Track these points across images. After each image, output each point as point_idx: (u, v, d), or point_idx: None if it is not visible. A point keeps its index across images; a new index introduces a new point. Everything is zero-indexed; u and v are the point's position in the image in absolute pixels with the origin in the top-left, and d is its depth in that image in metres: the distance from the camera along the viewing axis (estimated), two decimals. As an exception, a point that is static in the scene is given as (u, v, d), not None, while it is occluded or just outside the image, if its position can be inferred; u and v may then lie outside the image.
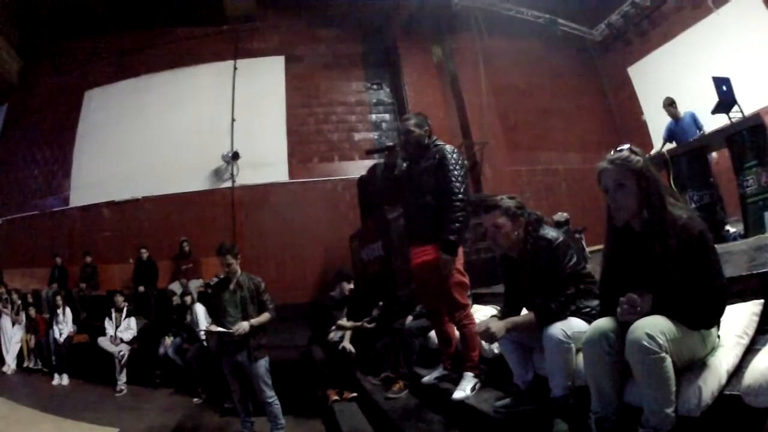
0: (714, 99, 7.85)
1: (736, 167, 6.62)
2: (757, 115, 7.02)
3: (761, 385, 2.16)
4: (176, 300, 10.25)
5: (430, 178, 4.72)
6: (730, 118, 7.43)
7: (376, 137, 14.37)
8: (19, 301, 11.01)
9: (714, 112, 8.00)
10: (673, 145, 8.86)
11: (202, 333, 8.26)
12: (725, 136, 6.89)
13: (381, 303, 7.14)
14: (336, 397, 6.71)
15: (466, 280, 4.82)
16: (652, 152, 8.55)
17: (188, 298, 9.74)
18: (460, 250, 4.77)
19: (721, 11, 12.11)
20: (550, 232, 3.64)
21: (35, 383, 9.71)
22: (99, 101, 14.54)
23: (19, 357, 10.56)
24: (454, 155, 4.71)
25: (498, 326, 3.47)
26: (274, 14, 15.11)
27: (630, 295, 2.60)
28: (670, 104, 9.30)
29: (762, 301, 2.97)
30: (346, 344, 7.07)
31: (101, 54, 14.96)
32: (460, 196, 4.55)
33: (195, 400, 8.40)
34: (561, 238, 3.58)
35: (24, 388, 9.45)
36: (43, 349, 10.29)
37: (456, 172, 4.61)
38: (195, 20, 14.64)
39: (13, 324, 10.66)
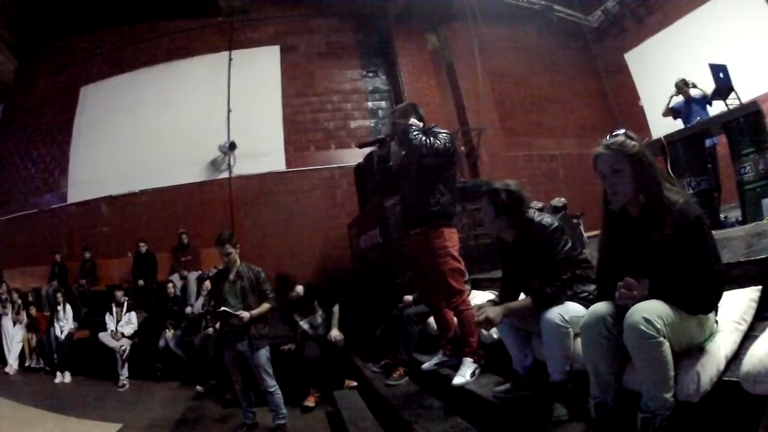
0: (711, 86, 7.86)
1: (734, 154, 6.61)
2: (754, 102, 7.00)
3: (760, 372, 2.17)
4: (172, 290, 10.29)
5: (419, 159, 4.75)
6: (727, 105, 7.44)
7: (372, 124, 14.35)
8: (20, 301, 11.01)
9: (711, 98, 8.01)
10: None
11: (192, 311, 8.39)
12: (722, 123, 6.88)
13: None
14: (312, 404, 6.96)
15: (461, 265, 4.85)
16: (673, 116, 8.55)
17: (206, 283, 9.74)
18: (455, 236, 4.82)
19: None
20: (544, 218, 3.66)
21: (38, 382, 9.72)
22: (95, 97, 14.50)
23: (21, 356, 10.58)
24: (438, 127, 4.83)
25: (495, 312, 3.50)
26: (268, 5, 15.04)
27: (627, 279, 2.61)
28: (684, 85, 9.06)
29: (760, 287, 2.98)
30: (335, 333, 7.09)
31: (96, 50, 14.91)
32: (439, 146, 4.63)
33: (198, 388, 8.39)
34: (556, 224, 3.60)
35: (27, 387, 9.45)
36: (45, 348, 10.31)
37: (441, 135, 4.70)
38: (189, 13, 14.58)
39: (14, 324, 10.68)
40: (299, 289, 7.71)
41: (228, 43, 14.54)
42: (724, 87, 7.69)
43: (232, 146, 13.34)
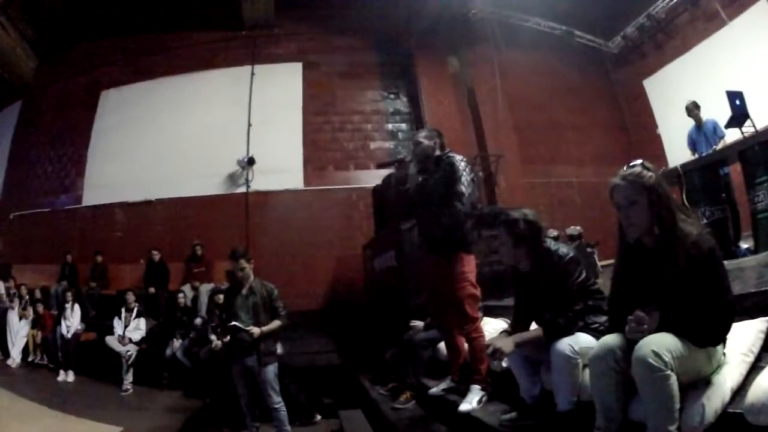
0: (728, 113, 7.81)
1: (748, 182, 6.57)
2: (769, 130, 6.97)
3: (764, 404, 2.17)
4: (182, 300, 10.31)
5: (441, 189, 4.74)
6: (742, 133, 7.39)
7: (392, 146, 14.37)
8: (27, 297, 11.08)
9: (727, 126, 7.97)
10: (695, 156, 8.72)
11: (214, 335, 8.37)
12: (737, 151, 6.85)
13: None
14: None
15: (478, 292, 4.83)
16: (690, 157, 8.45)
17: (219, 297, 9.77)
18: (473, 263, 4.80)
19: (734, 23, 12.03)
20: (561, 248, 3.66)
21: (40, 378, 9.73)
22: (115, 102, 14.64)
23: (25, 352, 10.60)
24: (462, 163, 4.75)
25: (506, 343, 3.49)
26: (292, 21, 15.14)
27: (637, 313, 2.61)
28: (694, 107, 8.98)
29: (769, 318, 2.96)
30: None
31: (118, 55, 15.08)
32: (465, 201, 4.59)
33: (208, 400, 8.37)
34: (571, 254, 3.60)
35: (28, 381, 9.45)
36: (50, 345, 10.33)
37: (463, 179, 4.65)
38: (213, 24, 14.74)
39: (20, 318, 10.73)
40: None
41: (251, 57, 14.65)
42: (739, 114, 7.65)
43: (251, 161, 13.37)
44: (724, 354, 2.73)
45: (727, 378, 2.61)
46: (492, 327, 5.14)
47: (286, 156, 13.80)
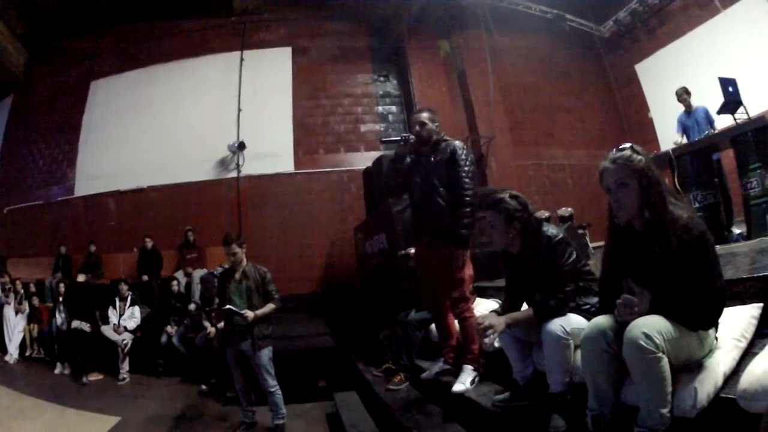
0: (720, 99, 7.82)
1: (741, 169, 6.59)
2: (762, 117, 6.96)
3: (756, 390, 2.16)
4: (176, 286, 10.31)
5: (442, 173, 4.74)
6: (735, 119, 7.40)
7: (382, 129, 14.38)
8: (23, 291, 11.01)
9: (719, 112, 7.95)
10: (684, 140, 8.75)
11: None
12: (730, 137, 6.87)
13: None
14: None
15: (472, 273, 4.86)
16: (676, 143, 8.49)
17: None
18: (468, 244, 4.80)
19: (729, 11, 12.04)
20: (550, 230, 3.65)
21: (38, 372, 9.68)
22: (105, 92, 14.60)
23: (22, 346, 10.55)
24: (464, 151, 4.75)
25: (498, 321, 3.50)
26: (281, 6, 15.08)
27: (625, 296, 2.62)
28: (684, 92, 9.00)
29: (761, 304, 2.98)
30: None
31: (107, 45, 15.01)
32: (470, 191, 4.60)
33: (203, 387, 8.39)
34: (561, 235, 3.60)
35: (26, 377, 9.41)
36: (46, 339, 10.30)
37: (466, 168, 4.66)
38: (202, 11, 14.66)
39: (17, 313, 10.66)
40: None
41: (240, 43, 14.60)
42: (732, 101, 7.65)
43: (242, 146, 13.36)
44: (716, 338, 2.74)
45: (720, 363, 2.62)
46: (484, 308, 5.13)
47: (277, 140, 13.79)
